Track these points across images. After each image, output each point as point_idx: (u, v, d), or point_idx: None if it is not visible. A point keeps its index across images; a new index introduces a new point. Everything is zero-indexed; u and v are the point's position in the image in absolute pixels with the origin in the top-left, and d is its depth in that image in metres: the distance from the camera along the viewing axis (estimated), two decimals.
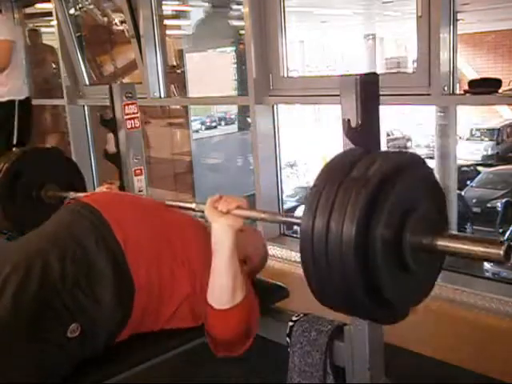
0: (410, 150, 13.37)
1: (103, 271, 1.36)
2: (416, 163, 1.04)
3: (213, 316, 1.40)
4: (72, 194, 2.11)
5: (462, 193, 7.70)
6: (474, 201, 7.90)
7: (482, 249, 0.94)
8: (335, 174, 0.99)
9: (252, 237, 1.75)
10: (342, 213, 0.93)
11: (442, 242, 0.98)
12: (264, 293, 1.62)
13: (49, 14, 4.31)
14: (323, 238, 0.95)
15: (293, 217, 1.35)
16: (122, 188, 2.32)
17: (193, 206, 1.61)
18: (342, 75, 1.28)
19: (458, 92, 2.23)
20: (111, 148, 2.39)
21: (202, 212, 1.46)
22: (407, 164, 1.01)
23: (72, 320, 1.29)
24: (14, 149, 3.17)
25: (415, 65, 2.26)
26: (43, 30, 5.28)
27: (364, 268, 0.93)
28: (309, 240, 0.97)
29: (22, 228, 2.18)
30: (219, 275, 1.39)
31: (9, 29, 3.66)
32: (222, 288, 1.39)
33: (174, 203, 1.66)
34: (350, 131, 1.19)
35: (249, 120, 2.95)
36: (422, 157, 1.07)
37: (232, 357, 1.48)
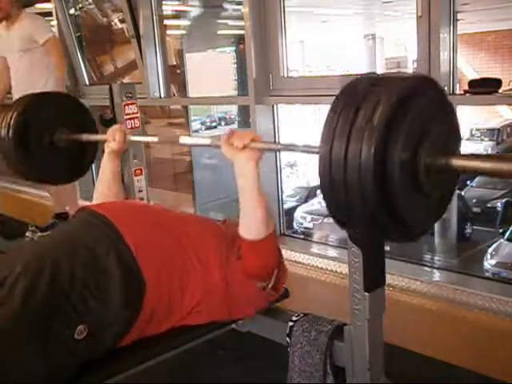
0: None
1: (112, 275, 1.37)
2: (429, 85, 1.06)
3: (249, 248, 1.44)
4: (84, 137, 2.10)
5: (462, 193, 7.69)
6: (474, 201, 7.90)
7: (493, 164, 0.96)
8: (352, 98, 1.00)
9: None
10: (359, 137, 0.95)
11: (456, 162, 1.01)
12: None
13: (49, 14, 4.31)
14: (341, 163, 0.97)
15: (310, 146, 1.34)
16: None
17: (208, 142, 1.62)
18: (341, 75, 1.28)
19: (457, 92, 2.23)
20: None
21: (219, 147, 1.48)
22: (421, 86, 1.03)
23: (80, 321, 1.30)
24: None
25: (415, 65, 2.26)
26: None
27: (381, 189, 0.96)
28: (327, 165, 0.99)
29: (40, 174, 2.18)
30: (252, 208, 1.43)
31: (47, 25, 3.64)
32: (257, 219, 1.43)
33: (188, 140, 1.65)
34: None
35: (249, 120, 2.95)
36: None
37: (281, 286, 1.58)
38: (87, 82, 4.23)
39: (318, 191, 6.35)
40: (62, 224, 1.62)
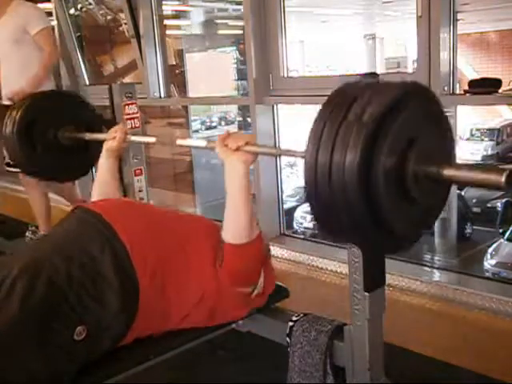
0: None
1: (109, 275, 1.37)
2: (420, 91, 1.04)
3: (232, 253, 1.43)
4: (88, 135, 2.10)
5: (462, 193, 7.68)
6: (474, 201, 7.90)
7: (484, 176, 0.96)
8: (339, 105, 1.00)
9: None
10: (345, 142, 0.94)
11: (447, 171, 1.00)
12: None
13: (49, 14, 4.31)
14: (327, 169, 0.96)
15: (296, 151, 1.36)
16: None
17: (204, 143, 1.62)
18: (341, 75, 1.28)
19: (457, 92, 2.23)
20: None
21: (214, 149, 1.48)
22: (411, 92, 1.01)
23: (79, 322, 1.30)
24: None
25: (415, 65, 2.26)
26: None
27: (366, 196, 0.94)
28: (312, 170, 0.98)
29: (45, 171, 2.20)
30: (236, 211, 1.43)
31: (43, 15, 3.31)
32: (240, 224, 1.42)
33: (184, 142, 1.66)
34: None
35: (249, 120, 2.95)
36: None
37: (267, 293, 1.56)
38: (87, 82, 4.23)
39: None
40: (58, 223, 1.61)
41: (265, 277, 1.54)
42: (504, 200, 7.47)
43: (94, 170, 4.24)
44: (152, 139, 1.99)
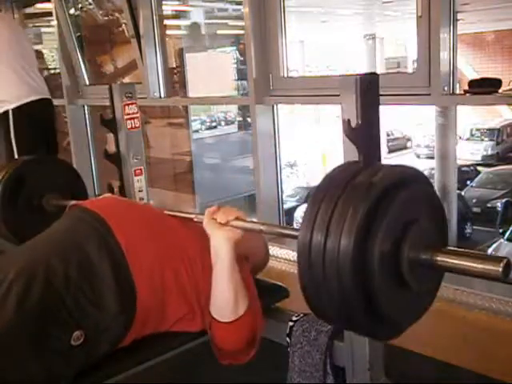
0: (410, 150, 13.38)
1: (106, 276, 1.35)
2: (417, 178, 1.03)
3: (216, 328, 1.40)
4: (73, 203, 2.11)
5: (462, 193, 7.70)
6: (474, 201, 7.91)
7: (480, 266, 0.94)
8: (334, 186, 0.98)
9: (253, 235, 1.74)
10: (339, 226, 0.92)
11: (440, 258, 0.98)
12: (264, 293, 1.62)
13: (49, 14, 4.31)
14: (320, 253, 0.93)
15: (291, 229, 1.35)
16: (122, 191, 2.32)
17: (192, 216, 1.58)
18: (341, 75, 1.28)
19: (457, 92, 2.23)
20: (111, 148, 2.39)
21: (202, 223, 1.44)
22: (408, 178, 1.00)
23: (76, 327, 1.28)
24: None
25: (415, 65, 2.26)
26: (43, 30, 5.27)
27: (361, 283, 0.92)
28: (306, 254, 0.96)
29: (23, 237, 2.19)
30: (220, 289, 1.38)
31: None
32: (224, 302, 1.38)
33: (173, 213, 1.65)
34: (349, 131, 1.19)
35: (249, 120, 2.95)
36: (424, 172, 1.07)
37: (236, 364, 1.48)
38: (87, 82, 4.23)
39: None
40: (55, 223, 1.60)
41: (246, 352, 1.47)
42: (504, 200, 7.48)
43: None
44: None
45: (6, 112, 2.91)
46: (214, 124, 9.19)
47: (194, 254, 1.50)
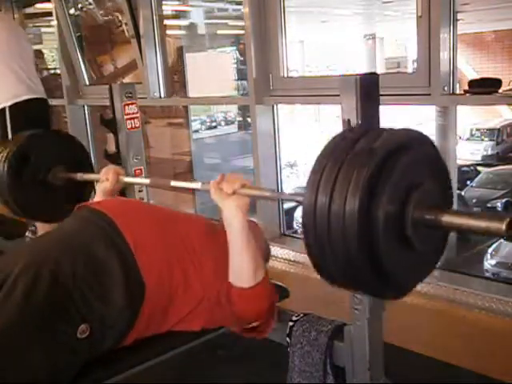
0: None
1: (113, 272, 1.37)
2: (421, 140, 1.04)
3: (238, 296, 1.43)
4: (80, 175, 2.11)
5: (462, 193, 7.69)
6: (474, 201, 7.91)
7: (484, 224, 0.95)
8: (338, 149, 0.99)
9: (253, 231, 1.75)
10: (344, 188, 0.93)
11: (446, 218, 0.99)
12: None
13: (49, 14, 4.31)
14: (325, 215, 0.95)
15: (296, 194, 1.36)
16: (122, 191, 2.32)
17: (198, 185, 1.61)
18: (341, 75, 1.28)
19: (457, 92, 2.23)
20: (111, 148, 2.39)
21: (208, 191, 1.47)
22: (412, 140, 1.01)
23: (82, 320, 1.30)
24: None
25: (415, 65, 2.26)
26: (43, 30, 5.27)
27: (366, 244, 0.94)
28: (311, 216, 0.97)
29: (34, 213, 2.20)
30: (238, 255, 1.42)
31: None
32: (244, 267, 1.42)
33: (178, 184, 1.66)
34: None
35: (249, 120, 2.95)
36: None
37: (259, 337, 1.54)
38: (87, 82, 4.23)
39: None
40: (61, 222, 1.61)
41: (267, 318, 1.52)
42: (504, 200, 7.48)
43: None
44: (146, 181, 1.99)
45: (3, 109, 2.91)
46: (214, 124, 9.19)
47: (203, 251, 1.51)
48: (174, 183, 1.68)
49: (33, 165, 2.12)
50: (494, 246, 6.38)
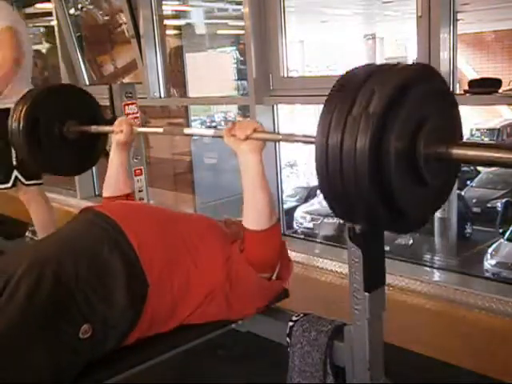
0: None
1: (116, 273, 1.38)
2: (429, 74, 1.04)
3: (252, 240, 1.46)
4: (94, 128, 2.12)
5: (462, 193, 7.69)
6: (474, 201, 7.90)
7: (496, 154, 0.95)
8: (348, 89, 0.99)
9: None
10: (355, 127, 0.93)
11: (456, 150, 0.99)
12: None
13: (49, 14, 4.31)
14: (337, 154, 0.96)
15: (308, 136, 1.36)
16: None
17: (211, 132, 1.64)
18: (341, 75, 1.28)
19: (457, 92, 2.23)
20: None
21: (221, 137, 1.50)
22: (420, 75, 1.01)
23: (84, 321, 1.30)
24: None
25: None
26: (42, 30, 5.27)
27: (378, 180, 0.95)
28: (323, 156, 0.98)
29: (52, 166, 2.22)
30: (254, 198, 1.46)
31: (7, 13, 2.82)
32: (259, 210, 1.45)
33: (191, 131, 1.68)
34: None
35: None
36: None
37: (284, 284, 1.62)
38: (87, 82, 4.23)
39: (318, 191, 6.35)
40: (65, 224, 1.62)
41: (281, 263, 1.56)
42: (504, 200, 7.47)
43: (93, 172, 4.23)
44: (159, 130, 2.00)
45: (7, 109, 2.89)
46: (214, 124, 9.18)
47: (204, 249, 1.52)
48: (187, 130, 1.69)
49: (45, 122, 2.11)
50: (494, 245, 6.37)
